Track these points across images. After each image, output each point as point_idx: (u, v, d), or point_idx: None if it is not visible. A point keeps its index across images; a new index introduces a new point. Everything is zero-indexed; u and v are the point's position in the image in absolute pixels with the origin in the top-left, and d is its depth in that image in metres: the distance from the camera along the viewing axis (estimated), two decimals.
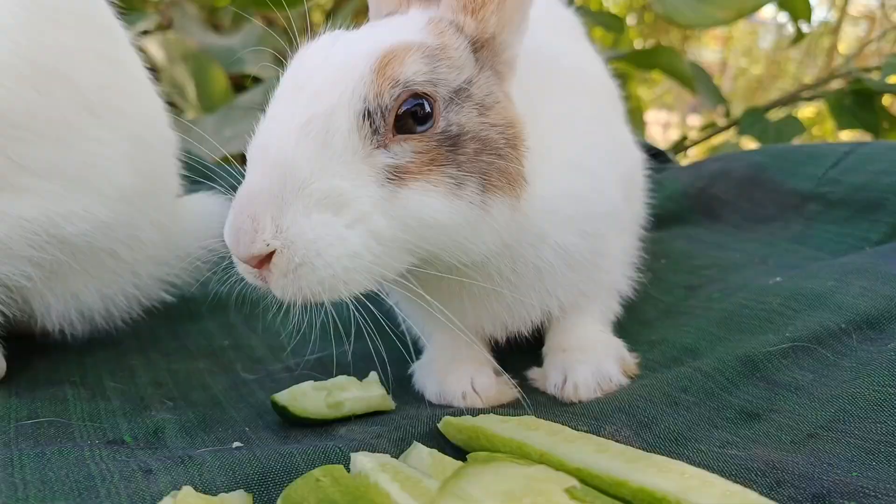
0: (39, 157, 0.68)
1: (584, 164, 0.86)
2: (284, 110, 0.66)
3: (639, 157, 1.04)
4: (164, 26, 3.25)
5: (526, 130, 0.73)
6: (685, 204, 1.31)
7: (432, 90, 0.67)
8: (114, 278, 0.81)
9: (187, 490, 0.53)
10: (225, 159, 2.25)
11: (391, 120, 0.65)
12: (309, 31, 0.75)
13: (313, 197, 0.62)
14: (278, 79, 0.71)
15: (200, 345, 0.96)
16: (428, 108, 0.67)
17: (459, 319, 0.76)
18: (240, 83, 3.06)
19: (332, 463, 0.59)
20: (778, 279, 0.95)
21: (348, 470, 0.58)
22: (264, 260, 0.61)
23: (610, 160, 0.90)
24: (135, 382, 0.85)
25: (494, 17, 0.73)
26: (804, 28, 2.27)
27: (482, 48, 0.72)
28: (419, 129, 0.67)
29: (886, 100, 2.17)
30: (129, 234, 0.79)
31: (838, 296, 0.87)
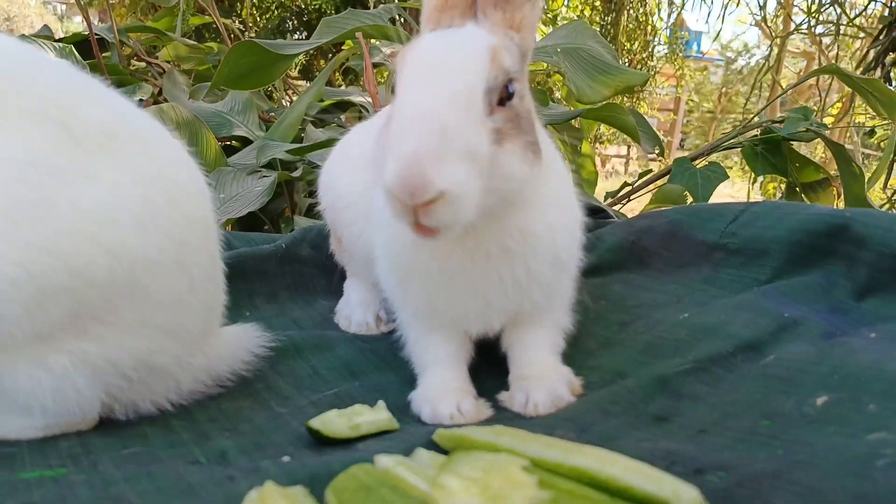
0: (158, 319, 1.00)
1: (567, 188, 1.13)
2: (431, 85, 0.86)
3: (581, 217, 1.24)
4: (156, 95, 3.49)
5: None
6: (621, 254, 1.59)
7: (517, 76, 0.94)
8: (163, 391, 1.10)
9: (269, 484, 0.77)
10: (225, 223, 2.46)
11: (496, 97, 0.90)
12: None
13: (461, 152, 0.83)
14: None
15: (239, 388, 1.21)
16: (511, 89, 0.93)
17: (450, 306, 1.04)
18: (229, 146, 3.31)
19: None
20: (686, 315, 1.22)
21: None
22: (428, 202, 0.81)
23: (576, 204, 1.16)
24: (195, 420, 1.09)
25: (528, 34, 1.00)
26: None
27: (522, 57, 0.99)
28: (508, 103, 0.93)
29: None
30: (186, 361, 1.10)
31: (728, 327, 1.14)
